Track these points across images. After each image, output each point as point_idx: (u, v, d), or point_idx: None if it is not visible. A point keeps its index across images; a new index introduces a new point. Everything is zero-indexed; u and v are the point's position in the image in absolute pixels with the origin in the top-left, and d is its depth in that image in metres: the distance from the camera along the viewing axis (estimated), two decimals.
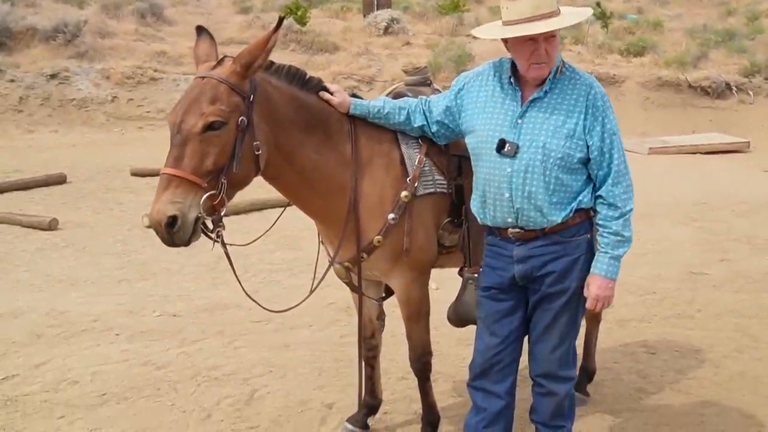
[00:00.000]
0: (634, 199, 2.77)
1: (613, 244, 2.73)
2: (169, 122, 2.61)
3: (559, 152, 2.67)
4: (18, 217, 7.53)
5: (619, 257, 2.75)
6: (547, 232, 2.75)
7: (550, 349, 2.87)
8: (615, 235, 2.72)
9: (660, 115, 15.06)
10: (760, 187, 9.79)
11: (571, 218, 2.75)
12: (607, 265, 2.73)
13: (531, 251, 2.78)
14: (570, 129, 2.68)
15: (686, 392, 4.06)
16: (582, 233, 2.79)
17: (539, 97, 2.72)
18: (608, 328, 4.86)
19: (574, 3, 24.50)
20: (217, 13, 20.45)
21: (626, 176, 2.75)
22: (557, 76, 2.73)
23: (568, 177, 2.71)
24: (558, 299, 2.81)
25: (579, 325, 2.94)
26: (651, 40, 17.76)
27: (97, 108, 13.63)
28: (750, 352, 4.57)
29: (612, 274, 2.74)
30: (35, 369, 4.34)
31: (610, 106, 2.77)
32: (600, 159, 2.72)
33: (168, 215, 2.49)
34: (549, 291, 2.81)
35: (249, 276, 6.01)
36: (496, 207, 2.78)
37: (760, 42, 18.50)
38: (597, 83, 2.78)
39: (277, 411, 3.89)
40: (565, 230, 2.76)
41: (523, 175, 2.69)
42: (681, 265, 6.35)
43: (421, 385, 3.45)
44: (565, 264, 2.77)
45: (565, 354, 2.88)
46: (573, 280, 2.78)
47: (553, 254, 2.77)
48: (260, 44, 2.63)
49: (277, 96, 2.79)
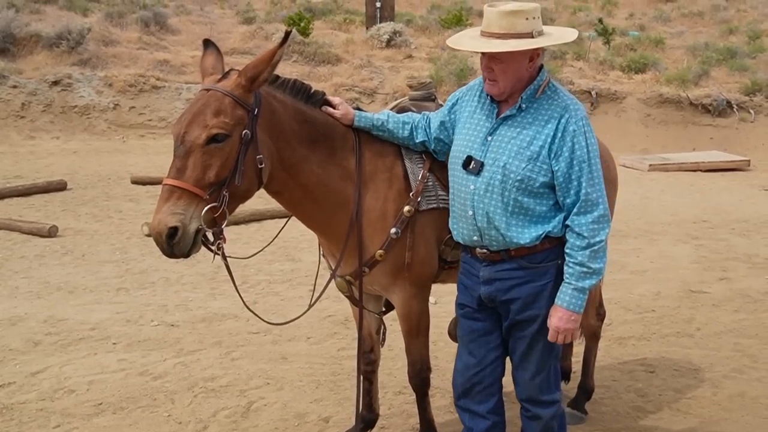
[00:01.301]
0: (607, 231, 2.65)
1: (577, 275, 2.63)
2: (173, 133, 2.61)
3: (519, 174, 2.61)
4: (18, 224, 7.53)
5: (584, 290, 2.65)
6: (514, 255, 2.70)
7: (530, 376, 2.83)
8: (580, 266, 2.62)
9: (661, 132, 15.08)
10: (761, 205, 9.79)
11: (540, 243, 2.68)
12: (569, 296, 2.65)
13: (496, 274, 2.74)
14: (534, 151, 2.61)
15: (685, 412, 4.04)
16: (551, 259, 2.71)
17: (512, 114, 2.68)
18: (607, 346, 4.85)
19: (576, 18, 24.51)
20: (220, 23, 20.54)
21: (598, 207, 2.63)
22: (538, 95, 2.67)
23: (530, 201, 2.64)
24: (529, 326, 2.75)
25: (558, 350, 2.89)
26: (652, 57, 17.81)
27: (99, 115, 13.66)
28: (749, 372, 4.55)
29: (575, 307, 2.65)
30: (32, 377, 4.33)
31: (588, 132, 2.64)
32: (566, 186, 2.62)
33: (169, 226, 2.49)
34: (517, 318, 2.76)
35: (247, 287, 6.00)
36: (462, 224, 2.77)
37: (761, 61, 18.54)
38: (576, 106, 2.68)
39: (274, 423, 3.87)
40: (533, 255, 2.70)
41: (483, 194, 2.67)
42: (680, 284, 6.34)
43: (419, 400, 3.43)
44: (531, 290, 2.71)
45: (545, 379, 2.84)
46: (543, 308, 2.71)
47: (518, 279, 2.72)
48: (266, 58, 2.63)
49: (282, 110, 2.80)
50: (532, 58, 2.65)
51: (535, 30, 2.60)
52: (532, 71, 2.68)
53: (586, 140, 2.62)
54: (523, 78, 2.66)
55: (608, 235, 2.67)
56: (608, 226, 2.66)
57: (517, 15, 2.59)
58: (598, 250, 2.63)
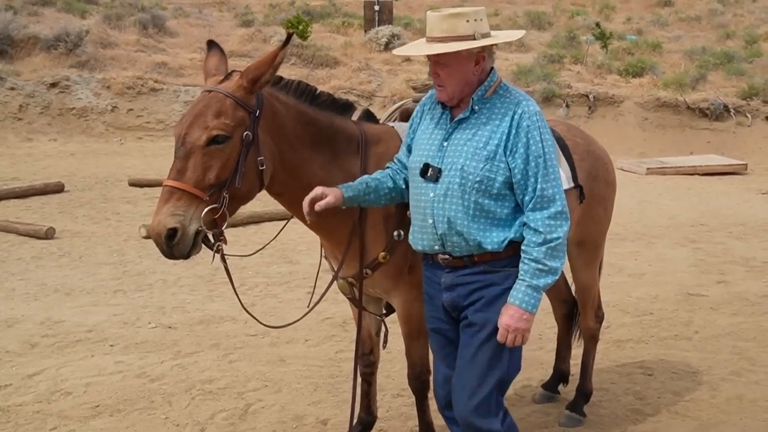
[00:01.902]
0: (566, 229, 2.57)
1: (532, 272, 2.53)
2: (175, 135, 2.61)
3: (478, 175, 2.54)
4: (15, 226, 7.51)
5: (539, 288, 2.54)
6: (477, 261, 2.62)
7: (468, 394, 2.64)
8: (535, 263, 2.53)
9: (658, 136, 15.10)
10: (758, 209, 9.81)
11: (504, 250, 2.60)
12: (522, 293, 2.53)
13: (458, 279, 2.66)
14: (491, 150, 2.55)
15: (683, 414, 4.03)
16: (515, 264, 2.60)
17: (465, 117, 2.63)
18: (605, 349, 4.85)
19: (573, 23, 24.54)
20: (218, 26, 20.55)
21: (555, 203, 2.56)
22: (487, 95, 2.62)
23: (491, 203, 2.57)
24: (479, 332, 2.63)
25: (505, 372, 2.66)
26: (650, 61, 17.85)
27: (97, 117, 13.65)
28: (747, 375, 4.55)
29: (528, 305, 2.53)
30: (28, 379, 4.31)
31: (542, 127, 2.59)
32: (523, 182, 2.56)
33: (168, 227, 2.48)
34: (472, 319, 2.65)
35: (245, 289, 5.99)
36: (423, 233, 2.68)
37: (758, 65, 18.59)
38: (529, 102, 2.63)
39: (272, 426, 3.86)
40: (497, 261, 2.62)
41: (442, 200, 2.59)
42: (678, 287, 6.34)
43: (418, 403, 3.43)
44: (490, 293, 2.62)
45: (485, 402, 2.62)
46: (497, 313, 2.59)
47: (480, 282, 2.63)
48: (268, 60, 2.63)
49: (284, 112, 2.79)
50: (478, 62, 2.60)
51: (478, 32, 2.55)
52: (480, 74, 2.62)
53: (541, 135, 2.57)
54: (471, 82, 2.61)
55: (566, 233, 2.58)
56: (566, 224, 2.58)
57: (458, 17, 2.54)
58: (555, 247, 2.55)
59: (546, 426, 3.88)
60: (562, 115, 14.88)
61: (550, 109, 15.26)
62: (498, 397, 2.67)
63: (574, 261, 3.84)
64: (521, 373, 4.43)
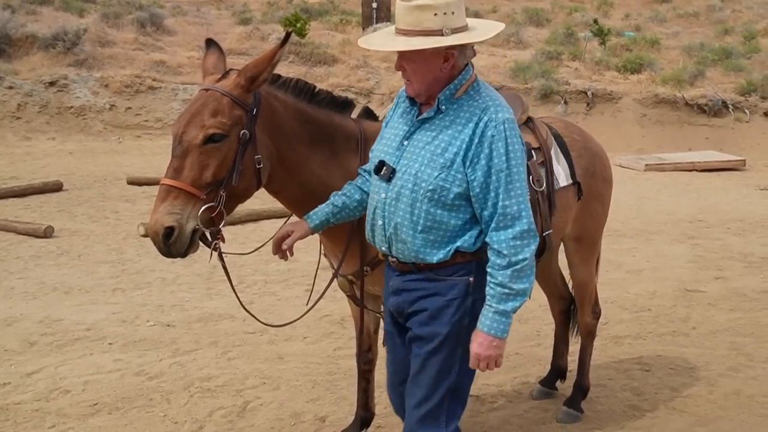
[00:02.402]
0: (533, 248, 2.38)
1: (498, 297, 2.37)
2: (172, 133, 2.62)
3: (431, 184, 2.37)
4: (13, 224, 7.51)
5: (507, 313, 2.37)
6: (422, 268, 2.50)
7: (415, 403, 2.53)
8: (501, 287, 2.36)
9: (656, 132, 15.11)
10: (756, 205, 9.82)
11: (451, 258, 2.45)
12: (490, 320, 2.38)
13: (404, 284, 2.55)
14: (448, 159, 2.37)
15: (681, 410, 4.04)
16: (461, 274, 2.46)
17: (429, 117, 2.46)
18: (603, 345, 4.86)
19: (571, 19, 24.54)
20: (216, 24, 20.52)
21: (520, 221, 2.35)
22: (458, 95, 2.44)
23: (444, 213, 2.40)
24: (426, 345, 2.50)
25: (456, 382, 2.52)
26: (648, 58, 17.84)
27: (95, 116, 13.64)
28: (745, 370, 4.57)
29: (497, 332, 2.37)
30: (27, 377, 4.32)
31: (510, 137, 2.36)
32: (482, 197, 2.36)
33: (165, 226, 2.49)
34: (418, 333, 2.53)
35: (244, 287, 5.99)
36: (374, 232, 2.59)
37: (756, 61, 18.60)
38: (498, 108, 2.40)
39: (270, 423, 3.87)
40: (442, 269, 2.47)
41: (393, 204, 2.46)
42: (676, 283, 6.35)
43: None
44: (435, 304, 2.48)
45: (431, 413, 2.51)
46: (443, 325, 2.47)
47: (425, 291, 2.50)
48: (266, 58, 2.62)
49: (282, 110, 2.78)
50: (447, 58, 2.40)
51: (448, 27, 2.34)
52: (451, 72, 2.44)
53: (507, 146, 2.35)
54: (439, 79, 2.43)
55: (533, 252, 2.39)
56: (534, 243, 2.38)
57: (424, 10, 2.33)
58: (522, 269, 2.36)
59: (544, 422, 3.90)
60: (561, 112, 14.88)
61: (548, 105, 15.26)
62: (451, 406, 2.54)
63: (572, 257, 3.85)
64: (519, 369, 4.50)
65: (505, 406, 4.06)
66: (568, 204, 3.54)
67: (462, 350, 2.48)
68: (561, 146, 3.55)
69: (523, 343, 4.94)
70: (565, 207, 3.51)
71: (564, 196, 3.48)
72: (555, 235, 3.49)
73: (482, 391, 4.22)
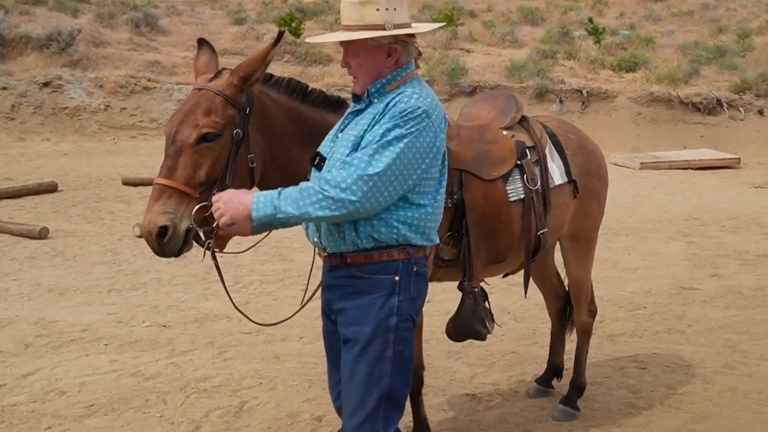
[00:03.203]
0: (325, 210, 2.29)
1: (288, 195, 2.32)
2: (165, 133, 2.61)
3: (346, 161, 2.39)
4: (8, 226, 7.49)
5: (277, 208, 2.30)
6: (350, 263, 2.48)
7: (349, 412, 2.49)
8: (296, 191, 2.32)
9: (651, 131, 15.15)
10: (750, 203, 9.85)
11: (378, 254, 2.44)
12: (264, 198, 2.33)
13: (333, 280, 2.55)
14: (358, 137, 2.43)
15: (676, 407, 4.05)
16: (387, 272, 2.44)
17: (359, 109, 2.52)
18: (599, 343, 4.86)
19: (566, 18, 24.58)
20: (211, 24, 20.51)
21: (345, 180, 2.29)
22: (390, 89, 2.48)
23: None
24: (353, 347, 2.47)
25: (389, 388, 2.46)
26: (643, 56, 17.90)
27: (90, 117, 13.63)
28: (740, 368, 4.58)
29: (256, 207, 2.31)
30: (23, 379, 4.30)
31: (407, 121, 2.35)
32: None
33: (159, 225, 2.49)
34: (344, 333, 2.51)
35: (240, 287, 5.99)
36: (307, 223, 2.59)
37: (750, 59, 18.67)
38: (407, 100, 2.39)
39: (267, 423, 3.86)
40: (368, 265, 2.45)
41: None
42: (672, 281, 6.36)
43: (412, 398, 3.43)
44: (360, 303, 2.46)
45: (367, 420, 2.45)
46: (368, 324, 2.44)
47: (350, 288, 2.49)
48: (259, 57, 2.62)
49: (275, 109, 2.79)
50: (390, 53, 2.46)
51: (390, 22, 2.41)
52: (393, 67, 2.49)
53: (393, 128, 2.33)
54: (383, 74, 2.48)
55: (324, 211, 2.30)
56: (330, 208, 2.29)
57: (366, 6, 2.41)
58: (317, 201, 2.29)
59: (540, 420, 3.90)
60: (556, 111, 14.91)
61: (544, 104, 15.29)
62: (387, 412, 2.48)
63: (567, 255, 3.85)
64: (515, 368, 4.51)
65: (501, 405, 4.07)
66: (564, 202, 3.54)
67: (392, 353, 2.45)
68: (555, 144, 3.55)
69: (519, 342, 4.95)
70: (561, 206, 3.52)
71: (559, 194, 3.49)
72: (551, 233, 3.50)
73: (479, 390, 4.23)
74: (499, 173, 3.24)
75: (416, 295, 2.52)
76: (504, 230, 3.25)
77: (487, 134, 3.33)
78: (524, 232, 3.32)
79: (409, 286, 2.47)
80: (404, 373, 2.52)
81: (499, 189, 3.23)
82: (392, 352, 2.46)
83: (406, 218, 2.45)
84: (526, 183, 3.28)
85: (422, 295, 2.58)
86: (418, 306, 2.57)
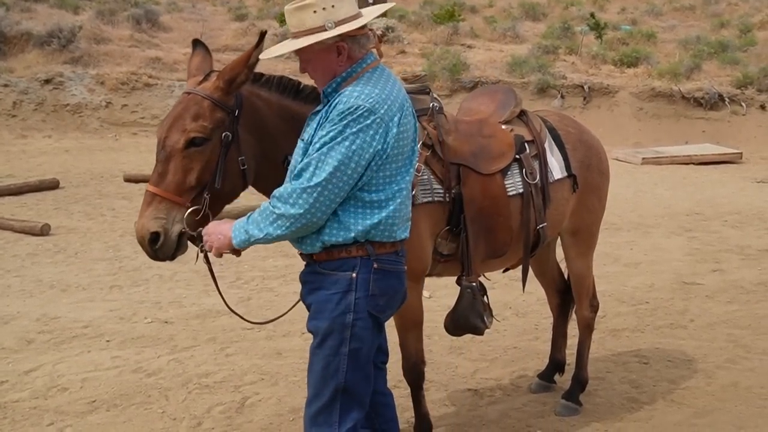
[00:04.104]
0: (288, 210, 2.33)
1: (253, 219, 2.39)
2: (157, 137, 2.63)
3: (296, 170, 2.40)
4: (10, 222, 7.50)
5: (245, 229, 2.39)
6: (315, 260, 2.51)
7: (307, 402, 2.57)
8: (257, 214, 2.38)
9: (653, 126, 15.13)
10: (753, 197, 9.83)
11: (338, 251, 2.45)
12: (239, 226, 2.42)
13: (303, 275, 2.61)
14: (306, 142, 2.45)
15: (679, 402, 4.05)
16: (345, 269, 2.45)
17: (317, 110, 2.53)
18: (601, 338, 4.86)
19: (568, 13, 24.51)
20: (212, 20, 20.47)
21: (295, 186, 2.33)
22: (345, 86, 2.45)
23: None
24: (313, 340, 2.55)
25: (347, 384, 2.49)
26: (644, 51, 17.86)
27: (91, 113, 13.62)
28: (742, 362, 4.57)
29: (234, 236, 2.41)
30: (25, 375, 4.31)
31: (346, 127, 2.33)
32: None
33: (151, 231, 2.54)
34: (307, 327, 2.58)
35: (241, 283, 5.99)
36: None
37: (752, 54, 18.62)
38: (346, 100, 2.36)
39: (269, 419, 3.86)
40: (328, 262, 2.48)
41: None
42: (674, 275, 6.36)
43: (413, 394, 3.43)
44: (319, 298, 2.50)
45: (322, 411, 2.50)
46: (325, 320, 2.47)
47: (314, 283, 2.54)
48: (241, 60, 2.61)
49: (266, 108, 2.77)
50: (339, 52, 2.44)
51: (330, 21, 2.39)
52: (348, 63, 2.47)
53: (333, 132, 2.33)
54: (337, 73, 2.47)
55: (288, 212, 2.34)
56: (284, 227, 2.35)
57: (304, 10, 2.40)
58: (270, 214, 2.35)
59: (542, 415, 3.90)
60: (557, 106, 14.88)
61: (545, 100, 15.27)
62: (344, 406, 2.51)
63: (569, 250, 3.84)
64: (517, 363, 4.51)
65: (503, 400, 4.07)
66: (564, 197, 3.53)
67: (348, 350, 2.47)
68: (555, 139, 3.54)
69: (521, 337, 4.94)
70: (561, 200, 3.51)
71: (559, 188, 3.48)
72: (551, 228, 3.49)
73: (480, 385, 4.23)
74: (497, 167, 3.24)
75: (378, 293, 2.49)
76: (502, 225, 3.25)
77: (485, 128, 3.33)
78: (523, 226, 3.32)
79: (367, 283, 2.46)
80: (363, 370, 2.53)
81: (497, 183, 3.23)
82: (348, 349, 2.48)
83: (363, 216, 2.43)
84: (525, 177, 3.27)
85: (388, 292, 2.53)
86: (381, 303, 2.52)
